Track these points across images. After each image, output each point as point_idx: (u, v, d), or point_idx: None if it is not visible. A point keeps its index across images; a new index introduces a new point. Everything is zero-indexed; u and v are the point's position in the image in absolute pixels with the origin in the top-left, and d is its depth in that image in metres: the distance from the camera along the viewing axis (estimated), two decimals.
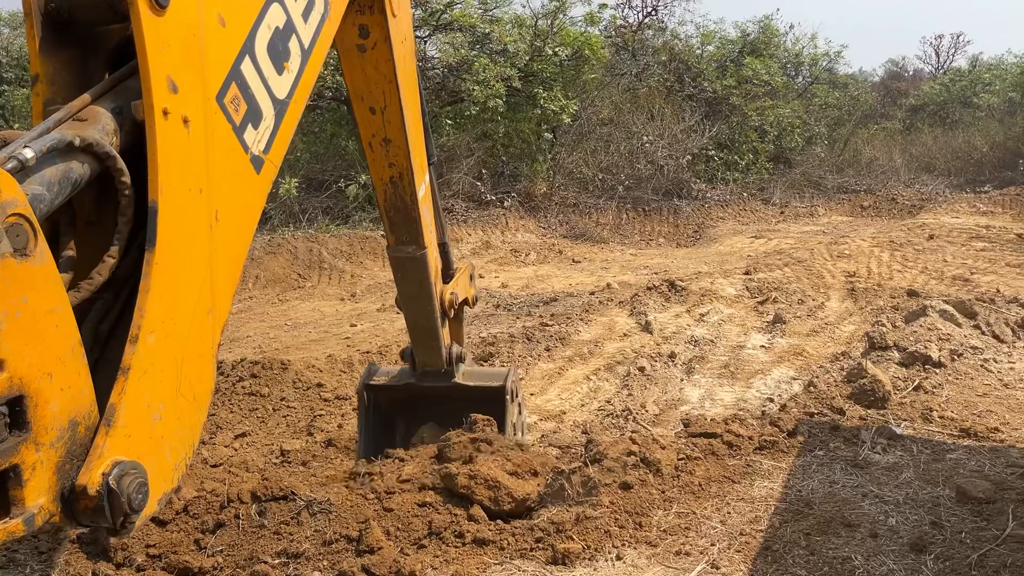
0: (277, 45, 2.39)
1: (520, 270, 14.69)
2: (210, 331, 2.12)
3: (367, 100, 3.71)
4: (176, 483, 1.95)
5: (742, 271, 12.70)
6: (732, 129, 23.25)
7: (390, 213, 4.10)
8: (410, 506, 4.05)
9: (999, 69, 32.24)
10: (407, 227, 4.14)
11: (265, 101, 2.33)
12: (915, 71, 45.68)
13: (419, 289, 4.38)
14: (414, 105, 3.97)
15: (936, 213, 18.80)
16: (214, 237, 2.10)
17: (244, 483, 4.33)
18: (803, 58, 29.10)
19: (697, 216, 19.66)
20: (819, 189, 22.61)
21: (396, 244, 4.22)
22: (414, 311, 4.51)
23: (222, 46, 2.14)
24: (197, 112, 2.01)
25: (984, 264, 12.96)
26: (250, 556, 3.77)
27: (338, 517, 3.96)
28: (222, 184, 2.13)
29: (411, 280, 4.35)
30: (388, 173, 3.95)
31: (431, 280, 4.35)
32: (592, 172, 19.92)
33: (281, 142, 2.44)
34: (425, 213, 4.17)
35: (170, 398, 1.93)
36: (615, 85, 22.35)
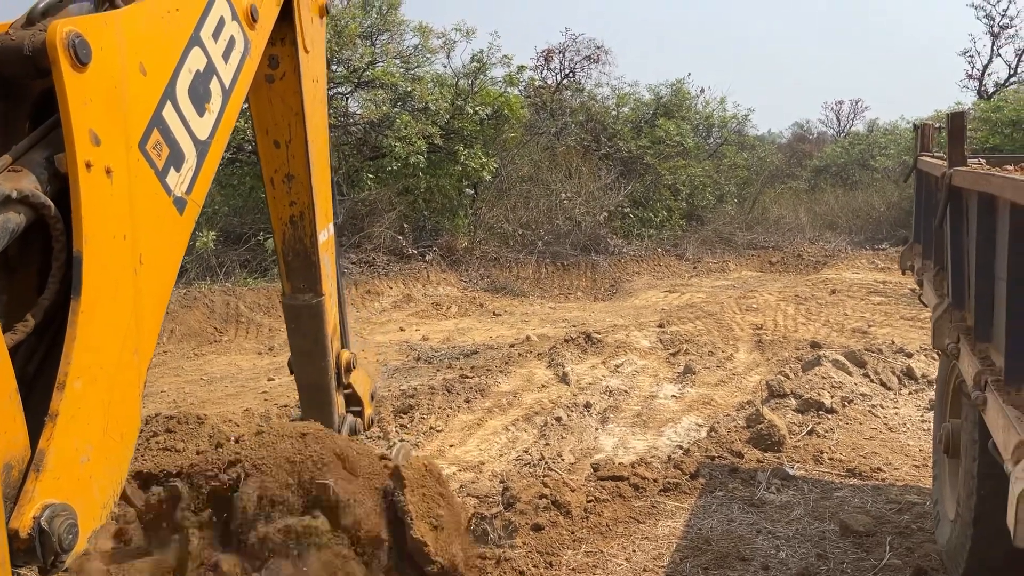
0: (198, 88, 2.43)
1: (441, 323, 14.85)
2: (136, 371, 2.18)
3: (272, 133, 3.64)
4: (104, 519, 2.01)
5: (656, 324, 13.16)
6: (647, 187, 24.12)
7: (288, 256, 3.87)
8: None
9: (894, 134, 34.33)
10: (305, 273, 3.89)
11: (187, 143, 2.38)
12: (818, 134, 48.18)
13: (313, 344, 4.01)
14: (321, 145, 3.88)
15: (838, 269, 19.83)
16: (138, 280, 2.15)
17: None
18: (714, 120, 30.46)
19: (614, 271, 20.23)
20: (730, 245, 23.54)
21: (292, 292, 3.94)
22: (307, 369, 4.08)
23: (144, 94, 2.18)
24: (119, 161, 2.06)
25: (881, 317, 13.73)
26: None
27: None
28: (145, 228, 2.18)
29: (305, 332, 4.00)
30: (289, 212, 3.78)
31: (327, 334, 4.00)
32: (512, 227, 20.35)
33: (203, 181, 2.48)
34: (326, 261, 3.96)
35: (98, 439, 1.99)
36: (534, 143, 23.00)
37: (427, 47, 19.13)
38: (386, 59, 18.50)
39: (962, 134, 3.51)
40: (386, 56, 18.54)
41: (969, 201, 3.07)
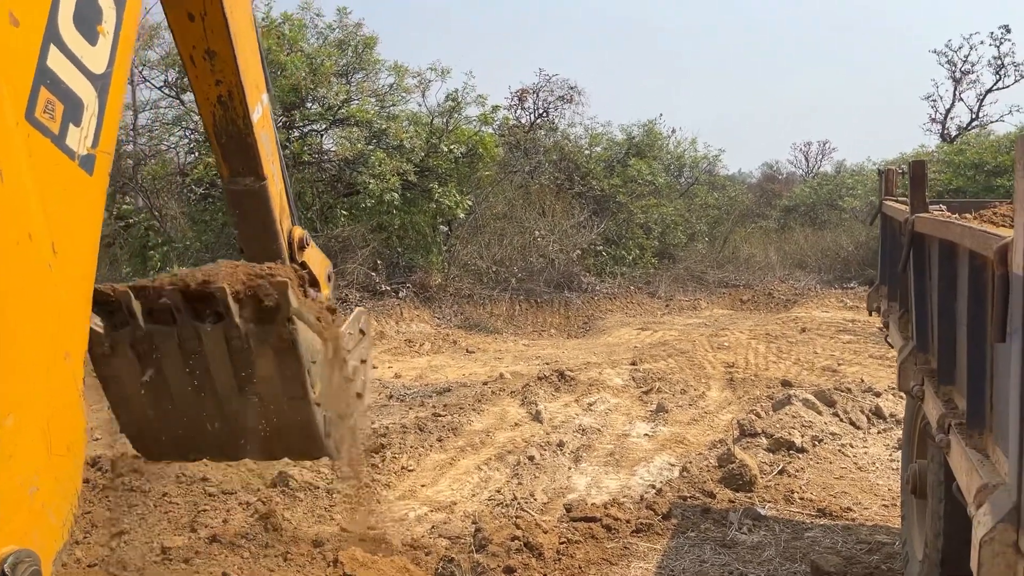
0: (83, 10, 2.10)
1: (414, 360, 14.78)
2: (71, 374, 2.01)
3: (184, 4, 3.30)
4: (67, 536, 1.93)
5: (629, 362, 13.21)
6: (619, 225, 24.36)
7: (221, 139, 3.65)
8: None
9: (861, 175, 35.03)
10: (242, 155, 3.69)
11: (83, 86, 2.08)
12: (788, 174, 49.05)
13: (262, 229, 3.86)
14: (242, 16, 3.58)
15: (808, 307, 20.09)
16: (55, 275, 1.94)
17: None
18: (685, 160, 30.95)
19: (587, 308, 20.32)
20: (701, 283, 23.77)
21: (231, 176, 3.75)
22: (257, 253, 3.90)
23: (20, 50, 1.88)
24: (7, 149, 1.81)
25: (850, 356, 13.89)
26: None
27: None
28: (53, 208, 1.94)
29: (252, 218, 3.85)
30: (215, 92, 3.53)
31: (275, 217, 3.87)
32: (486, 264, 20.41)
33: (111, 123, 2.20)
34: (264, 140, 3.74)
35: (43, 463, 1.88)
36: (508, 182, 23.19)
37: (402, 86, 19.31)
38: (361, 97, 18.63)
39: (923, 181, 3.62)
40: (361, 94, 18.67)
41: (931, 247, 3.16)
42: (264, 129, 3.74)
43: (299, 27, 17.48)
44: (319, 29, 18.24)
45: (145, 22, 16.28)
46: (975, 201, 5.00)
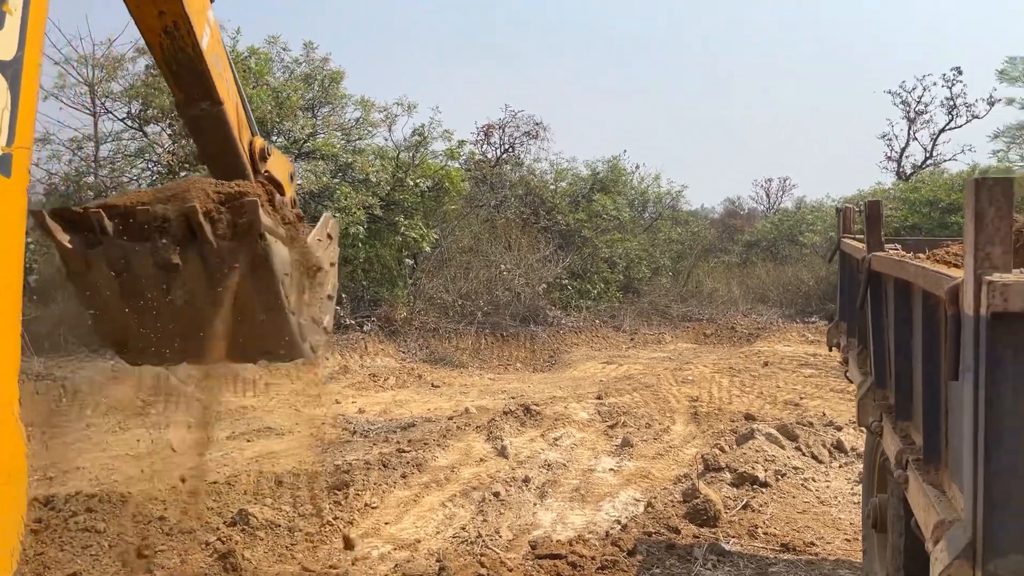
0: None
1: (378, 395, 14.64)
2: (4, 399, 1.91)
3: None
4: (15, 566, 1.85)
5: (594, 396, 13.22)
6: (584, 260, 24.53)
7: (172, 67, 3.62)
8: None
9: (820, 211, 35.70)
10: (195, 81, 3.67)
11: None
12: (749, 210, 49.83)
13: (224, 148, 3.94)
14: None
15: (770, 341, 20.32)
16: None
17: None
18: (649, 195, 31.34)
19: (553, 342, 20.35)
20: (666, 317, 23.96)
21: (186, 101, 3.78)
22: (220, 170, 3.99)
23: None
24: None
25: (812, 389, 14.05)
26: None
27: None
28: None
29: (212, 140, 3.92)
30: (159, 23, 3.47)
31: (234, 136, 3.92)
32: (452, 298, 20.39)
33: (26, 116, 2.02)
34: (215, 62, 3.71)
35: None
36: (474, 215, 23.29)
37: (369, 120, 19.38)
38: (327, 131, 18.65)
39: (879, 221, 3.71)
40: (327, 128, 18.68)
41: (887, 285, 3.23)
42: (213, 51, 3.70)
43: (265, 61, 17.51)
44: (285, 63, 18.30)
45: (109, 53, 16.19)
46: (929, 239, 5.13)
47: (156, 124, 16.97)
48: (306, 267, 3.76)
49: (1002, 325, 1.70)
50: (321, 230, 4.19)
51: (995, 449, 1.83)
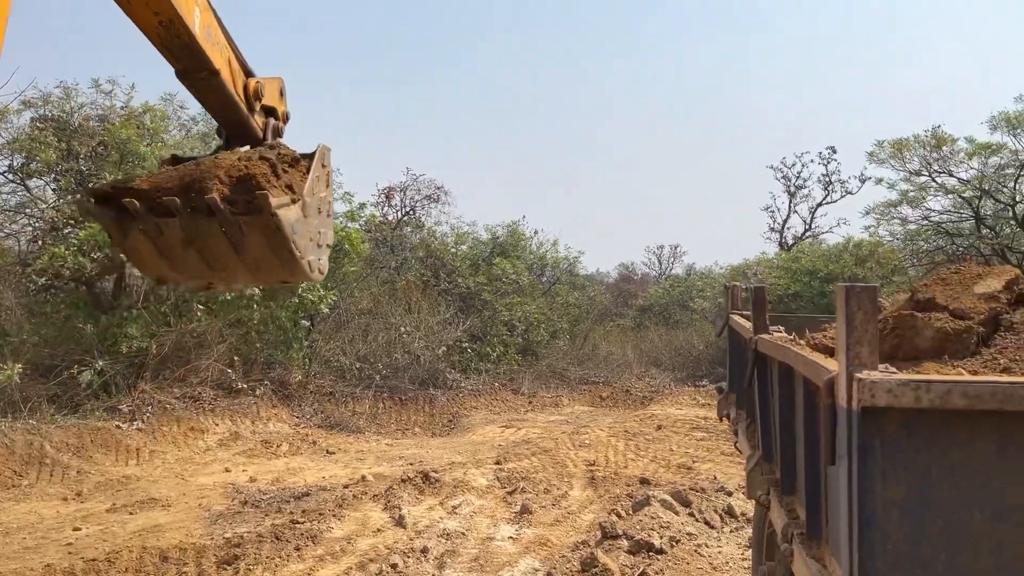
0: None
1: (271, 463, 14.17)
2: None
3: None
4: None
5: (493, 461, 13.21)
6: (484, 322, 24.68)
7: (168, 50, 3.97)
8: None
9: (709, 278, 37.24)
10: (191, 58, 4.03)
11: None
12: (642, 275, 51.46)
13: (224, 104, 4.41)
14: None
15: (664, 404, 20.84)
16: None
17: None
18: (547, 260, 31.98)
19: (452, 405, 20.26)
20: (563, 380, 24.27)
21: (183, 72, 4.15)
22: (232, 131, 4.58)
23: None
24: None
25: (703, 453, 14.46)
26: None
27: None
28: None
29: (212, 101, 4.37)
30: (155, 20, 3.77)
31: (232, 94, 4.36)
32: (350, 361, 20.08)
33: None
34: (207, 36, 4.04)
35: None
36: (374, 277, 23.16)
37: None
38: None
39: (764, 305, 3.97)
40: None
41: (772, 366, 3.45)
42: (205, 26, 4.02)
43: (161, 118, 17.13)
44: (182, 121, 17.95)
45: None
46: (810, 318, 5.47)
47: (39, 179, 16.28)
48: (309, 213, 4.31)
49: (871, 418, 1.87)
50: (317, 166, 4.62)
51: (867, 528, 1.99)
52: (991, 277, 3.10)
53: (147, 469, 12.95)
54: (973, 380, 1.87)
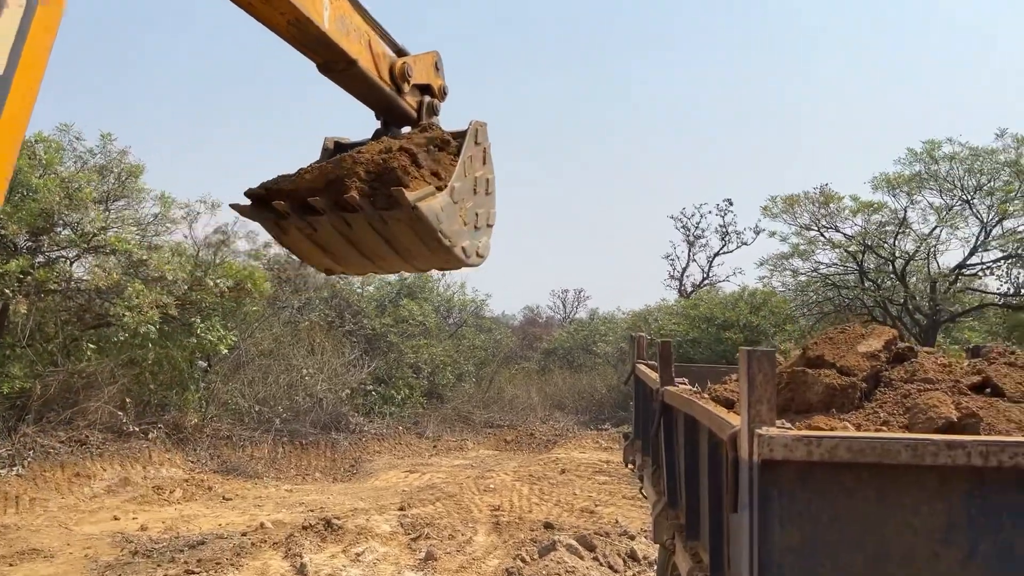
0: None
1: (163, 510, 13.58)
2: None
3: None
4: None
5: (397, 507, 13.06)
6: (389, 365, 24.48)
7: (307, 45, 3.98)
8: None
9: (612, 323, 38.05)
10: (326, 51, 4.02)
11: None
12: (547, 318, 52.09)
13: (369, 91, 4.35)
14: None
15: (567, 448, 21.07)
16: None
17: None
18: (454, 303, 32.07)
19: (354, 450, 19.92)
20: (468, 423, 24.24)
21: (324, 64, 4.14)
22: (387, 115, 4.53)
23: None
24: None
25: (606, 497, 14.69)
26: None
27: None
28: None
29: (357, 89, 4.32)
30: (283, 19, 3.80)
31: (379, 84, 4.33)
32: (249, 403, 19.52)
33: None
34: (340, 26, 4.02)
35: None
36: (276, 317, 22.68)
37: (168, 217, 18.60)
38: (122, 226, 17.67)
39: (670, 359, 4.19)
40: (122, 223, 17.72)
41: (678, 417, 3.64)
42: (336, 16, 4.02)
43: (56, 149, 16.49)
44: (78, 152, 17.31)
45: None
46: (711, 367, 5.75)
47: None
48: (459, 200, 4.23)
49: (770, 470, 2.05)
50: (470, 144, 4.49)
51: (766, 572, 2.16)
52: (872, 337, 3.39)
53: (28, 518, 12.21)
54: (857, 436, 2.08)
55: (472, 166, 4.46)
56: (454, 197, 4.15)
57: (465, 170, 4.34)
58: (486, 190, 4.63)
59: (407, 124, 4.67)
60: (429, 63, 4.85)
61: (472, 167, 4.46)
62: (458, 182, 4.21)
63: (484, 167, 4.60)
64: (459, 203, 4.21)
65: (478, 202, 4.48)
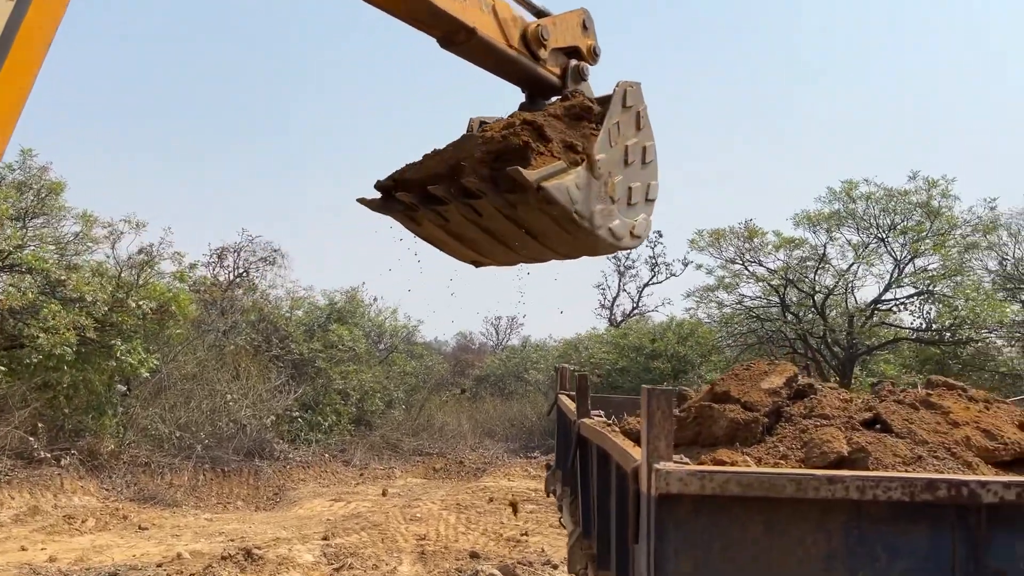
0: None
1: (74, 540, 13.06)
2: None
3: None
4: None
5: (320, 536, 12.85)
6: (317, 391, 24.11)
7: (419, 18, 3.71)
8: None
9: (543, 350, 38.27)
10: (440, 23, 3.72)
11: None
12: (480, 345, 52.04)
13: (500, 61, 3.96)
14: None
15: (496, 476, 21.05)
16: None
17: None
18: (385, 328, 31.81)
19: (278, 478, 19.53)
20: (396, 451, 24.01)
21: (444, 39, 3.83)
22: (524, 84, 4.14)
23: None
24: None
25: (533, 525, 14.72)
26: None
27: None
28: None
29: (486, 60, 3.96)
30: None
31: (507, 53, 3.93)
32: (169, 429, 18.96)
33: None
34: None
35: None
36: (201, 341, 22.15)
37: (89, 236, 18.09)
38: (40, 244, 17.11)
39: (586, 392, 4.31)
40: (40, 240, 17.16)
41: (592, 448, 3.75)
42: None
43: None
44: None
45: None
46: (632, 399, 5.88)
47: None
48: (598, 176, 3.74)
49: (666, 503, 2.16)
50: (615, 112, 3.90)
51: None
52: (774, 374, 3.57)
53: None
54: (747, 471, 2.21)
55: (621, 134, 3.93)
56: (595, 171, 3.67)
57: (611, 139, 3.84)
58: (642, 159, 4.07)
59: (552, 94, 4.23)
60: (574, 23, 4.34)
61: (621, 135, 3.93)
62: (601, 154, 3.72)
63: (639, 134, 4.05)
64: (603, 178, 3.73)
65: (631, 174, 3.97)
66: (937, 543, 2.14)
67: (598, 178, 3.71)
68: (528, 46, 4.09)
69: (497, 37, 3.95)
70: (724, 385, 3.54)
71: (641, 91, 4.07)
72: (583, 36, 4.38)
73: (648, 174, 4.11)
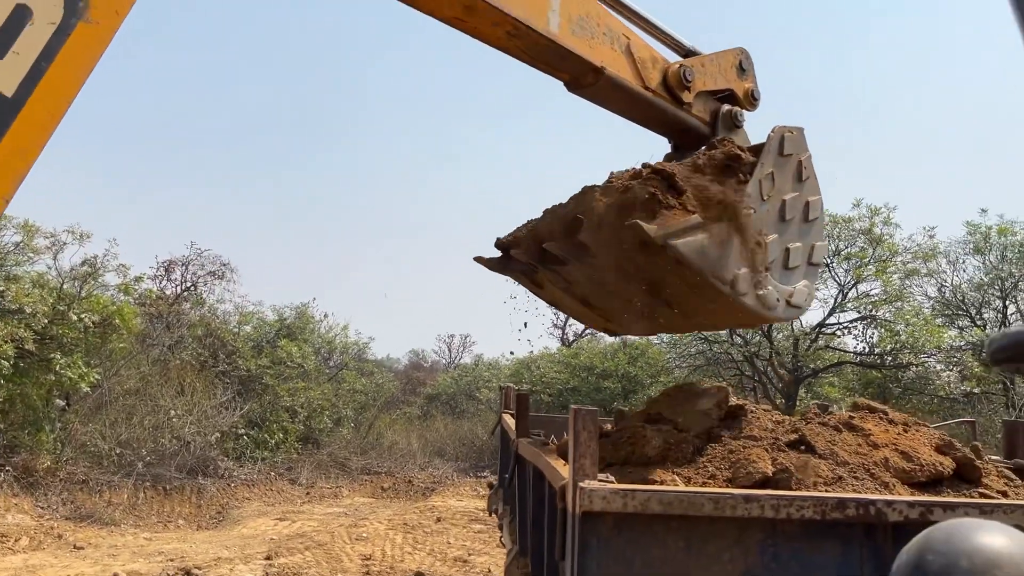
0: None
1: (6, 559, 12.66)
2: None
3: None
4: None
5: (263, 556, 12.65)
6: (264, 408, 23.74)
7: (538, 60, 3.40)
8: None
9: (496, 368, 38.26)
10: (565, 63, 3.40)
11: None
12: (432, 363, 51.90)
13: (632, 102, 3.56)
14: None
15: (445, 496, 20.95)
16: None
17: None
18: (336, 345, 31.49)
19: (222, 496, 19.16)
20: (344, 470, 23.73)
21: (572, 81, 3.49)
22: (659, 129, 3.74)
23: None
24: None
25: (480, 546, 14.68)
26: None
27: None
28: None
29: (617, 103, 3.62)
30: (497, 32, 3.28)
31: (636, 88, 3.53)
32: (109, 445, 18.48)
33: None
34: (578, 31, 3.35)
35: None
36: (145, 355, 21.69)
37: (31, 246, 17.65)
38: None
39: (527, 412, 4.37)
40: None
41: (528, 468, 3.80)
42: (572, 20, 3.34)
43: None
44: None
45: None
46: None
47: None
48: (744, 235, 3.21)
49: (589, 520, 2.22)
50: (767, 162, 3.34)
51: None
52: (706, 397, 3.67)
53: None
54: (667, 490, 2.28)
55: (776, 187, 3.41)
56: (741, 229, 3.20)
57: (762, 192, 3.32)
58: (804, 216, 3.53)
59: (701, 143, 3.74)
60: (727, 64, 3.90)
61: (776, 188, 3.42)
62: (749, 209, 3.21)
63: (800, 186, 3.50)
64: (751, 237, 3.24)
65: (790, 233, 3.44)
66: (847, 559, 2.23)
67: (744, 237, 3.21)
68: (669, 89, 3.71)
69: (629, 77, 3.61)
70: (657, 406, 3.63)
71: (804, 137, 3.57)
72: (738, 79, 3.96)
73: (812, 234, 3.59)
